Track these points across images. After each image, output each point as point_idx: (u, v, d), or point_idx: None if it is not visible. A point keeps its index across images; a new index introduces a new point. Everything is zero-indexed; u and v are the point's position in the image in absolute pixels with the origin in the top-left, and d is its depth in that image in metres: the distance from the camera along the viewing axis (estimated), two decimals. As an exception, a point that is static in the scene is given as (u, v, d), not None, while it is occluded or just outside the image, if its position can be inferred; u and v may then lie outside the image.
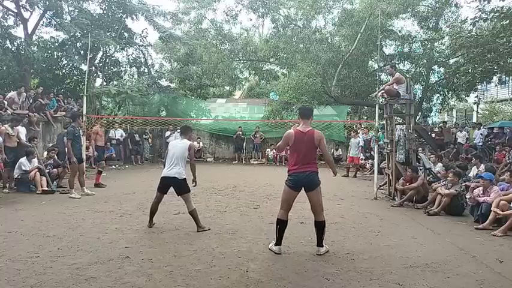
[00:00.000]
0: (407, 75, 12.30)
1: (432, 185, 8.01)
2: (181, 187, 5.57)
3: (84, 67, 14.75)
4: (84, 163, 8.71)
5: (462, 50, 13.42)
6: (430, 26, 16.86)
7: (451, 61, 16.40)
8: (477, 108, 23.74)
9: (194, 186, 5.78)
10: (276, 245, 4.69)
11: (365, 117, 20.99)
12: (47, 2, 14.42)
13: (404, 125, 8.84)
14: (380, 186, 9.43)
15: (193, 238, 5.21)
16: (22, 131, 9.77)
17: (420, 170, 8.31)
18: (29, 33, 14.54)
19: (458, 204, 7.03)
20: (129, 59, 18.21)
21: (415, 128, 10.26)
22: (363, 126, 16.64)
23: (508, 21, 10.87)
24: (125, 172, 13.10)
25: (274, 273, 4.04)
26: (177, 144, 5.73)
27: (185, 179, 5.57)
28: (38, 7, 14.60)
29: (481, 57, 11.96)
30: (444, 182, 7.59)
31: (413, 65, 17.22)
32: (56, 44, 16.16)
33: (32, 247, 4.67)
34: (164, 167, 5.71)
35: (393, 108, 8.90)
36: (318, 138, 4.57)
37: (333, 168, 4.86)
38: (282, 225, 4.65)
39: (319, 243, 4.69)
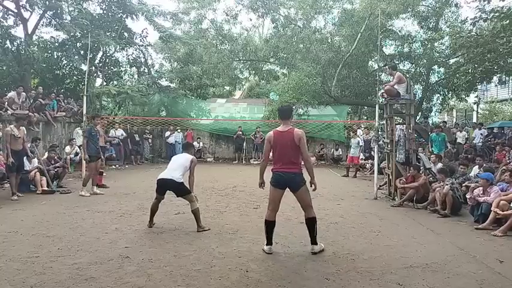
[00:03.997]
0: (407, 75, 12.31)
1: (432, 185, 8.01)
2: (179, 189, 5.59)
3: (84, 67, 14.75)
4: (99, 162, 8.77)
5: (462, 50, 13.42)
6: (430, 26, 16.88)
7: (451, 61, 16.41)
8: (477, 108, 23.74)
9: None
10: (266, 244, 4.68)
11: (365, 117, 20.99)
12: (47, 2, 14.41)
13: (404, 125, 8.84)
14: (380, 186, 9.43)
15: (193, 238, 5.21)
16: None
17: (421, 170, 8.32)
18: (29, 33, 14.53)
19: (456, 199, 7.00)
20: (129, 59, 18.23)
21: (415, 128, 10.26)
22: (362, 126, 16.65)
23: (508, 21, 10.86)
24: (125, 172, 13.10)
25: (274, 273, 4.04)
26: (182, 156, 5.94)
27: (183, 182, 5.59)
28: (38, 7, 14.59)
29: (481, 57, 11.95)
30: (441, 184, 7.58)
31: (413, 65, 17.25)
32: (56, 44, 16.16)
33: (32, 247, 4.66)
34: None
35: (393, 108, 8.89)
36: (298, 136, 4.51)
37: (311, 175, 4.62)
38: (269, 225, 4.65)
39: (313, 241, 4.68)
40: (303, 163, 4.64)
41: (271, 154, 4.78)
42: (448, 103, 20.39)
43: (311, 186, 4.66)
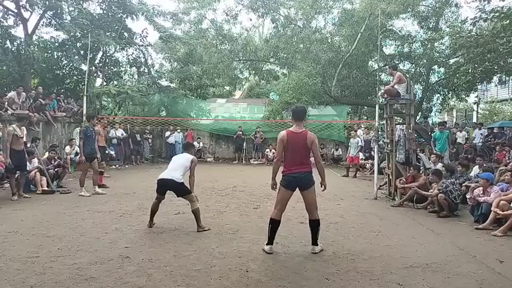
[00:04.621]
0: (407, 75, 12.30)
1: (432, 185, 8.01)
2: (179, 189, 5.59)
3: (84, 67, 14.77)
4: (97, 161, 8.81)
5: (462, 50, 13.42)
6: (430, 26, 16.87)
7: (451, 61, 16.41)
8: (477, 108, 23.75)
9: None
10: (267, 244, 4.71)
11: (365, 117, 21.00)
12: (47, 2, 14.42)
13: (404, 125, 8.84)
14: (380, 186, 9.43)
15: (193, 238, 5.21)
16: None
17: (421, 170, 8.32)
18: (29, 33, 14.53)
19: (450, 201, 7.02)
20: (129, 59, 18.23)
21: (415, 128, 10.26)
22: (363, 126, 16.65)
23: (508, 21, 10.86)
24: (125, 172, 13.10)
25: (274, 273, 4.04)
26: (182, 156, 5.92)
27: (183, 182, 5.59)
28: (38, 7, 14.60)
29: (481, 57, 11.95)
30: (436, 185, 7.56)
31: (413, 65, 17.24)
32: (56, 44, 16.17)
33: (32, 247, 4.67)
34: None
35: (393, 108, 8.90)
36: (311, 139, 4.55)
37: (322, 176, 4.69)
38: (274, 225, 4.68)
39: (314, 242, 4.72)
40: (313, 163, 4.69)
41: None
42: (448, 103, 20.37)
43: (321, 186, 4.71)
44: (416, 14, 16.70)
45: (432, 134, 12.17)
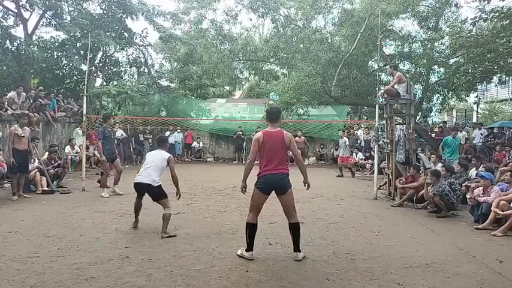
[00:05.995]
0: (407, 75, 12.28)
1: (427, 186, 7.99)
2: (156, 194, 5.38)
3: (84, 67, 14.76)
4: (119, 161, 8.88)
5: (462, 50, 13.41)
6: (430, 26, 16.85)
7: (451, 61, 16.39)
8: (477, 108, 23.75)
9: (178, 199, 5.65)
10: (247, 250, 4.48)
11: (365, 117, 20.99)
12: (47, 2, 14.41)
13: (404, 125, 8.84)
14: (380, 186, 9.43)
15: (193, 238, 5.21)
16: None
17: (420, 170, 8.32)
18: (29, 33, 14.52)
19: (448, 202, 7.00)
20: (129, 59, 18.22)
21: (415, 128, 10.26)
22: (362, 126, 16.64)
23: (508, 21, 10.85)
24: (125, 172, 13.00)
25: (274, 273, 4.04)
26: (157, 154, 5.61)
27: (160, 185, 5.40)
28: (38, 7, 14.59)
29: (481, 57, 11.94)
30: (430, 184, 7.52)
31: (413, 65, 17.22)
32: (56, 44, 16.15)
33: (32, 247, 4.67)
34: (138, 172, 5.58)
35: (393, 108, 8.90)
36: (288, 138, 4.47)
37: (304, 174, 4.56)
38: (251, 229, 4.49)
39: (297, 248, 4.48)
40: (289, 165, 4.55)
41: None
42: (448, 103, 20.37)
43: (305, 185, 4.60)
44: (416, 14, 16.68)
45: (443, 139, 11.63)
